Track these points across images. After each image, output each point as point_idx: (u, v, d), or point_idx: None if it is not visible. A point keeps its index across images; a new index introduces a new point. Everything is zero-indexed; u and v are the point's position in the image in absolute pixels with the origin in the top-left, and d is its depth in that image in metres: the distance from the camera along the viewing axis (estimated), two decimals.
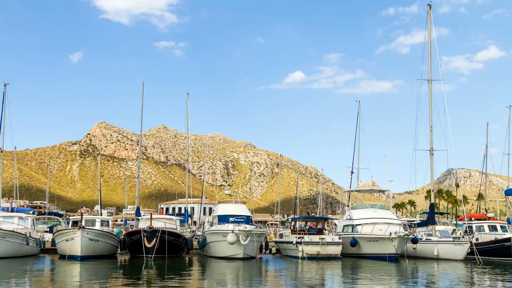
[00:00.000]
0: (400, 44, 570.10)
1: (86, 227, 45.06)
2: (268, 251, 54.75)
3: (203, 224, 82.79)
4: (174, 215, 69.26)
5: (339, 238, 49.86)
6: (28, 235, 45.62)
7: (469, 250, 46.42)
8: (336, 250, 48.50)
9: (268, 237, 56.93)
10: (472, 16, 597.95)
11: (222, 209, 52.46)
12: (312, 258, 46.93)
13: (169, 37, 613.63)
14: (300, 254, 47.23)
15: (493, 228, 53.23)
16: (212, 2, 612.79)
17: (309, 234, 51.19)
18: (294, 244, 48.69)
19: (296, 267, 40.88)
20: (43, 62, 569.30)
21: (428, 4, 54.88)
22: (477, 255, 44.61)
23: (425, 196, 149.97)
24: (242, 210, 52.75)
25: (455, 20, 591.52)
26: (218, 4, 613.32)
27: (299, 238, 48.48)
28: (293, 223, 60.17)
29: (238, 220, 48.97)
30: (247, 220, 49.94)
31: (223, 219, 49.74)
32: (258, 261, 45.36)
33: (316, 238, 49.10)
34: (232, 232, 44.55)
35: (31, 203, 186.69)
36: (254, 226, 50.96)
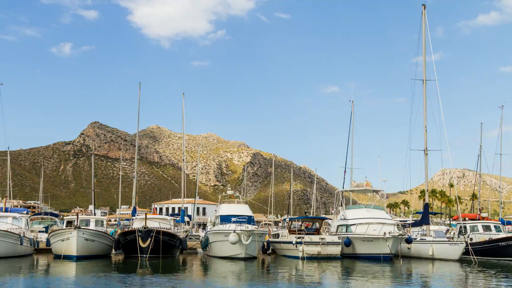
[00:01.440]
0: (414, 63, 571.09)
1: (81, 227, 45.06)
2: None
3: (196, 224, 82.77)
4: (168, 215, 69.24)
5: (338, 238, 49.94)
6: (22, 235, 45.43)
7: (464, 250, 46.45)
8: (336, 250, 48.49)
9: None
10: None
11: (224, 209, 52.66)
12: (312, 258, 46.89)
13: (204, 57, 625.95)
14: (300, 254, 47.03)
15: (487, 228, 53.26)
16: (251, 30, 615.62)
17: (308, 234, 51.26)
18: (294, 244, 48.61)
19: (298, 267, 40.94)
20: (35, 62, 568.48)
21: (423, 4, 55.06)
22: (472, 255, 44.62)
23: (419, 196, 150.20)
24: (244, 210, 52.95)
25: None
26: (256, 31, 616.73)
27: (299, 238, 48.47)
28: (290, 223, 60.19)
29: (240, 220, 49.14)
30: (249, 220, 50.22)
31: (225, 219, 49.95)
32: (259, 261, 45.36)
33: (316, 238, 49.14)
34: (234, 232, 44.72)
35: (25, 203, 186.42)
36: (256, 226, 51.10)
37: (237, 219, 49.11)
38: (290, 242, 49.67)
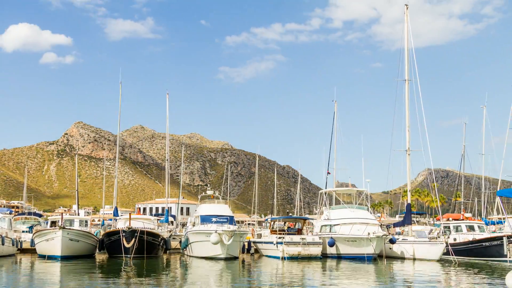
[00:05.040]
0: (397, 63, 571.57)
1: (66, 227, 45.00)
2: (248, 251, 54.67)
3: (180, 224, 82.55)
4: (151, 215, 69.14)
5: (319, 238, 50.03)
6: (4, 235, 45.30)
7: (445, 251, 46.65)
8: (317, 250, 48.64)
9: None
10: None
11: (205, 209, 52.61)
12: (293, 258, 46.95)
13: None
14: (280, 254, 47.13)
15: (470, 228, 53.53)
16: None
17: (289, 234, 51.30)
18: (274, 244, 48.67)
19: (277, 267, 40.92)
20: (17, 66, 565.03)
21: (405, 4, 55.24)
22: (452, 256, 44.84)
23: (402, 196, 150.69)
24: (224, 210, 53.04)
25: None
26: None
27: (279, 238, 48.48)
28: (272, 223, 60.20)
29: (221, 220, 49.17)
30: (230, 220, 50.17)
31: (205, 219, 49.89)
32: (240, 261, 45.44)
33: (297, 238, 49.19)
34: (215, 232, 44.71)
35: (8, 203, 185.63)
36: (237, 226, 51.16)
37: (218, 219, 49.16)
38: (271, 242, 49.75)
